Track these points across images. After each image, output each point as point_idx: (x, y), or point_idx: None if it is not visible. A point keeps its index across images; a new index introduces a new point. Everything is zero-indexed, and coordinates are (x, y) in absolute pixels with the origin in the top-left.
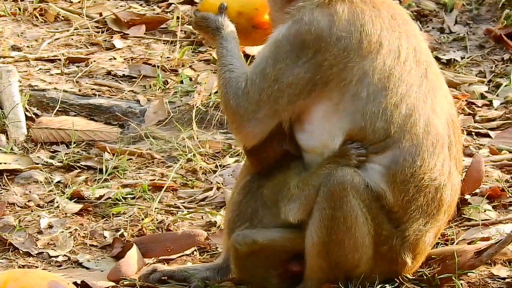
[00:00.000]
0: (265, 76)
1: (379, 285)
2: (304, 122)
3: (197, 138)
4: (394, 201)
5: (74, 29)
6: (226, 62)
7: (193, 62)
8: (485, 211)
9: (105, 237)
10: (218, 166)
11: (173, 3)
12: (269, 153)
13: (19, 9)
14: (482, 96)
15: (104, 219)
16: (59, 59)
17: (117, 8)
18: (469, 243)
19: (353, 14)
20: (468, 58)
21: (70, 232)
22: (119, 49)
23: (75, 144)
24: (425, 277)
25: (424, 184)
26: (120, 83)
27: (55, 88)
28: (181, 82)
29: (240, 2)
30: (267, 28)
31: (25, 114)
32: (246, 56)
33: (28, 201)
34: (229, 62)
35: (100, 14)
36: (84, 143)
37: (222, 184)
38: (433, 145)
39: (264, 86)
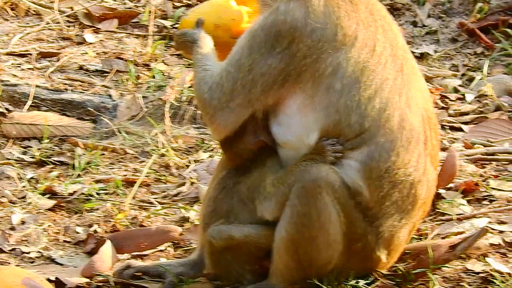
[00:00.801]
0: (240, 66)
1: (353, 281)
2: (279, 114)
3: (170, 133)
4: (369, 197)
5: (46, 24)
6: (200, 64)
7: (166, 56)
8: (459, 205)
9: (78, 233)
10: (192, 161)
11: None
12: (245, 145)
13: None
14: (456, 90)
15: (77, 215)
16: (31, 54)
17: (88, 2)
18: (443, 238)
19: (329, 7)
20: (441, 51)
21: (43, 228)
22: (91, 43)
23: (47, 140)
24: (399, 272)
25: (399, 179)
26: (93, 78)
27: (27, 83)
28: (154, 76)
29: (217, 15)
30: None
31: None
32: None
33: (1, 197)
34: (203, 64)
35: (72, 9)
36: (57, 138)
37: (195, 179)
38: (408, 140)
39: (239, 76)
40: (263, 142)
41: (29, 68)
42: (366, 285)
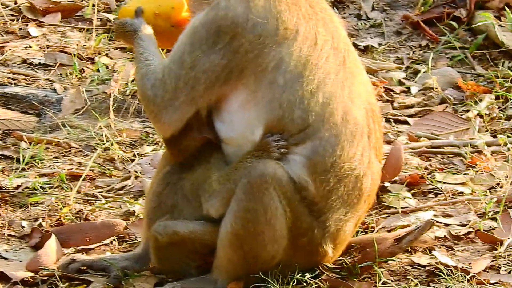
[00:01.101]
0: (183, 63)
1: (299, 274)
2: (223, 111)
3: (115, 126)
4: (315, 192)
5: None
6: (142, 59)
7: (109, 50)
8: (404, 198)
9: (23, 227)
10: (136, 155)
11: None
12: (188, 142)
13: None
14: (400, 83)
15: (22, 208)
16: None
17: None
18: (389, 231)
19: (270, 1)
20: (385, 44)
21: None
22: (34, 37)
23: None
24: (345, 265)
25: (344, 173)
26: (36, 72)
27: None
28: (98, 70)
29: (156, 3)
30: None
31: None
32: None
33: None
34: (145, 58)
35: (15, 2)
36: (1, 132)
37: (140, 173)
38: (352, 134)
39: (182, 73)
40: (207, 138)
41: None
42: (312, 279)
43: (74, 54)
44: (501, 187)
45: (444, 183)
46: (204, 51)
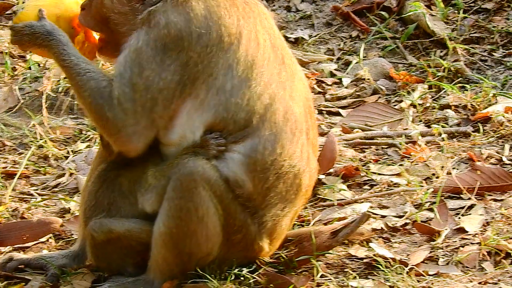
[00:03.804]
0: (134, 86)
1: (236, 269)
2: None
3: (48, 124)
4: (253, 189)
5: None
6: (81, 70)
7: None
8: (340, 190)
9: None
10: (70, 152)
11: None
12: None
13: None
14: (332, 74)
15: None
16: None
17: None
18: (325, 224)
19: (209, 9)
20: (315, 36)
21: None
22: None
23: None
24: (282, 259)
25: (284, 171)
26: None
27: None
28: (30, 68)
29: (54, 6)
30: (87, 31)
31: None
32: None
33: None
34: (85, 69)
35: None
36: None
37: (74, 170)
38: (292, 132)
39: (136, 97)
40: None
41: None
42: (249, 273)
43: (6, 52)
44: (437, 177)
45: (379, 174)
46: (154, 70)
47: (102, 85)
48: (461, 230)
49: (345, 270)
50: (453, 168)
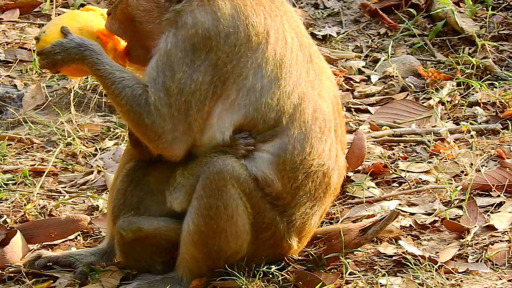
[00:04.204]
0: (168, 90)
1: (265, 267)
2: None
3: (76, 121)
4: (282, 188)
5: None
6: (116, 78)
7: None
8: (368, 188)
9: None
10: (98, 149)
11: None
12: None
13: None
14: (360, 72)
15: None
16: None
17: None
18: (353, 221)
19: (236, 8)
20: (343, 33)
21: None
22: None
23: None
24: (311, 257)
25: (313, 170)
26: None
27: None
28: None
29: (74, 20)
30: (112, 36)
31: None
32: None
33: None
34: (120, 77)
35: None
36: None
37: (102, 167)
38: (321, 130)
39: (171, 101)
40: None
41: None
42: (278, 271)
43: (34, 50)
44: (465, 174)
45: (408, 171)
46: (185, 72)
47: (138, 93)
48: (490, 228)
49: (374, 267)
50: (482, 166)
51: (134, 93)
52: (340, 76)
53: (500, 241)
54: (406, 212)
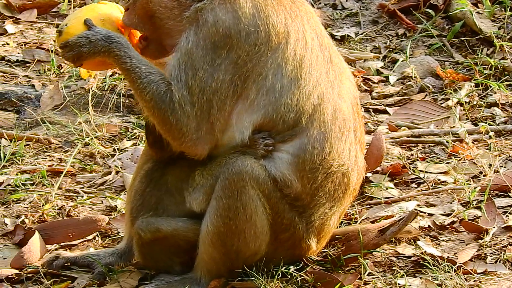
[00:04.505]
0: (190, 88)
1: (283, 268)
2: None
3: (94, 122)
4: (301, 189)
5: None
6: (142, 73)
7: None
8: (387, 188)
9: (6, 224)
10: (116, 150)
11: None
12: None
13: None
14: (378, 72)
15: (4, 206)
16: None
17: None
18: (372, 222)
19: (257, 7)
20: (362, 34)
21: None
22: (11, 34)
23: None
24: (330, 257)
25: (333, 170)
26: (14, 69)
27: None
28: None
29: (95, 12)
30: (130, 33)
31: None
32: None
33: None
34: (146, 72)
35: None
36: None
37: (120, 168)
38: (340, 130)
39: (194, 100)
40: None
41: None
42: (296, 271)
43: (52, 50)
44: (484, 175)
45: (426, 172)
46: (206, 71)
47: (163, 90)
48: (509, 228)
49: (393, 268)
50: (501, 166)
51: (159, 89)
52: (358, 77)
53: None
54: (424, 212)
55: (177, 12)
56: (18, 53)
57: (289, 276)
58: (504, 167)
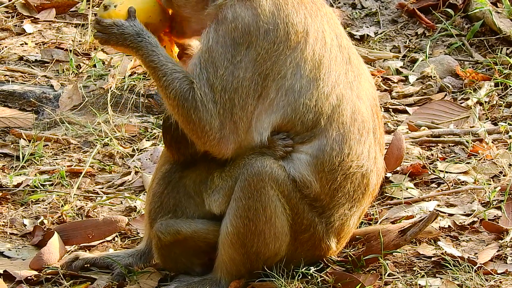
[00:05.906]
0: (212, 86)
1: (303, 268)
2: None
3: (113, 122)
4: (320, 190)
5: None
6: (167, 70)
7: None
8: (407, 189)
9: (25, 225)
10: (135, 150)
11: None
12: (192, 148)
13: None
14: (398, 72)
15: (23, 206)
16: None
17: None
18: (392, 222)
19: (277, 5)
20: (381, 33)
21: None
22: (30, 34)
23: None
24: (350, 258)
25: (352, 171)
26: (33, 69)
27: None
28: (94, 66)
29: (147, 13)
30: (171, 38)
31: None
32: None
33: None
34: (171, 69)
35: None
36: None
37: (140, 168)
38: (359, 132)
39: (216, 98)
40: None
41: None
42: (317, 272)
43: (70, 50)
44: (504, 175)
45: (446, 172)
46: (227, 68)
47: (185, 88)
48: None
49: (413, 268)
50: None
51: (182, 87)
52: (378, 77)
53: None
54: (445, 213)
55: (199, 7)
56: (37, 53)
57: (309, 277)
58: None
